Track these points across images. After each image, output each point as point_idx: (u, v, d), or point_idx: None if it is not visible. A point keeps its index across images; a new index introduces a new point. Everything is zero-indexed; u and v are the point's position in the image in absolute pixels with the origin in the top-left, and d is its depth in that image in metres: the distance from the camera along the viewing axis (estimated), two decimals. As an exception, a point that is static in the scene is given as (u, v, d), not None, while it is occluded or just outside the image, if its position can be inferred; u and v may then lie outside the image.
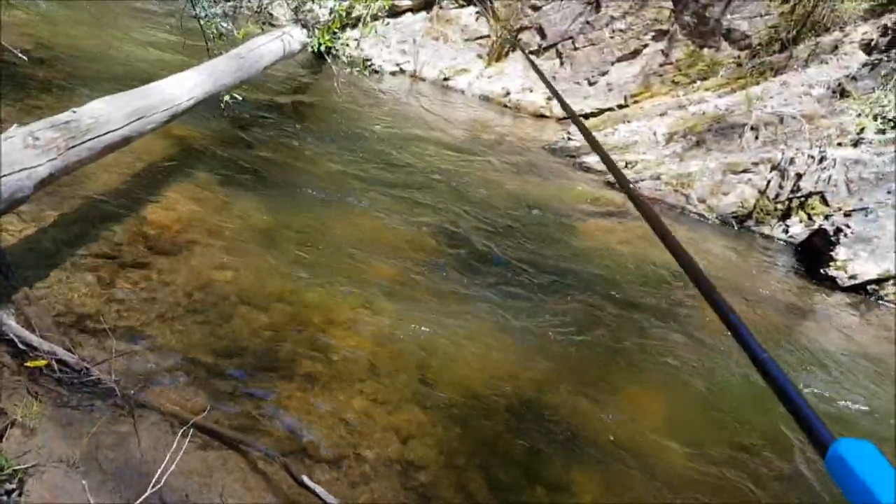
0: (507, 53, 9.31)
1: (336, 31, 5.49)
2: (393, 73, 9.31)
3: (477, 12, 9.53)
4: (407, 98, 8.55)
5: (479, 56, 9.50)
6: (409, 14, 9.97)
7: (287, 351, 3.20)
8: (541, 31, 9.05)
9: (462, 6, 9.58)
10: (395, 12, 9.91)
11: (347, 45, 6.74)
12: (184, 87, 4.21)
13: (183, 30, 5.91)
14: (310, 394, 2.95)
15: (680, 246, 0.93)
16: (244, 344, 3.16)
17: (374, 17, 9.53)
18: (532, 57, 9.08)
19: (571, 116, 1.70)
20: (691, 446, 3.24)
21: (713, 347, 4.12)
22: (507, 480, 2.82)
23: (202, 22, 5.46)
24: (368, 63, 9.16)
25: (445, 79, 9.30)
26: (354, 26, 8.58)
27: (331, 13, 5.94)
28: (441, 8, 9.68)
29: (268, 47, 5.51)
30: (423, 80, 9.31)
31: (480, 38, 9.51)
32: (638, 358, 3.89)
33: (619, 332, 4.11)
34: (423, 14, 9.92)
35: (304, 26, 5.98)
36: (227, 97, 5.50)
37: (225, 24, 5.87)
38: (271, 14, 6.59)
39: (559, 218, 5.66)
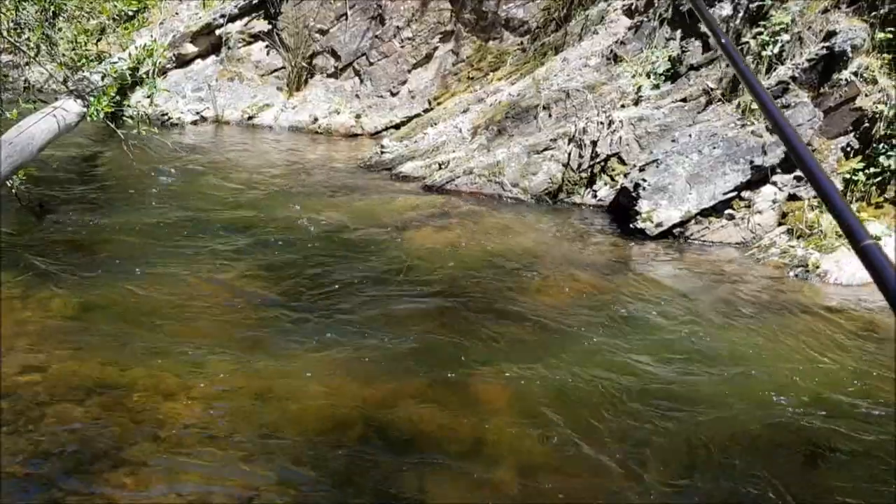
0: (306, 81, 9.28)
1: (114, 95, 5.23)
2: (195, 123, 9.03)
3: (266, 46, 9.43)
4: (211, 145, 8.33)
5: (280, 89, 9.41)
6: (198, 60, 9.72)
7: (110, 440, 3.01)
8: (334, 54, 9.09)
9: (249, 43, 9.44)
10: (183, 61, 9.64)
11: (131, 105, 6.44)
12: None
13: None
14: (140, 479, 2.79)
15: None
16: (59, 445, 2.95)
17: (163, 72, 9.22)
18: (330, 80, 9.11)
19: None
20: (547, 431, 3.27)
21: (555, 329, 4.24)
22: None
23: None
24: (166, 118, 8.84)
25: (250, 118, 9.14)
26: (143, 84, 8.25)
27: (103, 79, 5.66)
28: (229, 48, 9.50)
29: (39, 126, 5.18)
30: (228, 123, 9.11)
31: (276, 70, 9.43)
32: (481, 353, 3.93)
33: (460, 331, 4.15)
34: (212, 58, 9.70)
35: (78, 96, 5.67)
36: (16, 182, 5.14)
37: (-7, 110, 5.48)
38: (40, 90, 6.19)
39: (385, 231, 5.70)
